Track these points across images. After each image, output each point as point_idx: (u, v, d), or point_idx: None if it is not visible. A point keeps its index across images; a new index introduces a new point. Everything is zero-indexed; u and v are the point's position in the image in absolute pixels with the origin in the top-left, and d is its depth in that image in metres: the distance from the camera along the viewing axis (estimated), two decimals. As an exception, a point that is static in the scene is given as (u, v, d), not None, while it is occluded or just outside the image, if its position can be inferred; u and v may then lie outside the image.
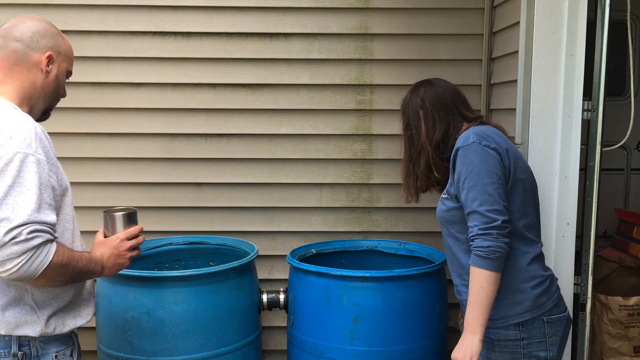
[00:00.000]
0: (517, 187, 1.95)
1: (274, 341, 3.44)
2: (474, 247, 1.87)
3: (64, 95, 1.91)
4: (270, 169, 3.36)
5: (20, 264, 1.53)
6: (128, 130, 3.30)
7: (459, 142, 1.96)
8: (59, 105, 1.94)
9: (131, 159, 3.33)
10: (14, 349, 1.69)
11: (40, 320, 1.70)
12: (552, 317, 1.96)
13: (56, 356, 1.75)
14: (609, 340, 3.09)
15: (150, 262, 3.07)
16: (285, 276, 3.01)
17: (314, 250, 3.08)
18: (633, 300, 3.06)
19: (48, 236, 1.58)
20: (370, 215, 3.42)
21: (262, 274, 3.25)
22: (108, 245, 1.84)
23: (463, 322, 2.30)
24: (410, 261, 3.06)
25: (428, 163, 2.08)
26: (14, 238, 1.52)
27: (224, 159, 3.35)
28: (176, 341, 2.55)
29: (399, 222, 3.42)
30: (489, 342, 1.97)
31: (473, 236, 1.87)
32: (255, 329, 2.83)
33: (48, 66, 1.79)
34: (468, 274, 1.96)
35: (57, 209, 1.71)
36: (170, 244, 3.16)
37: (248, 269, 2.79)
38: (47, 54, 1.79)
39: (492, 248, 1.83)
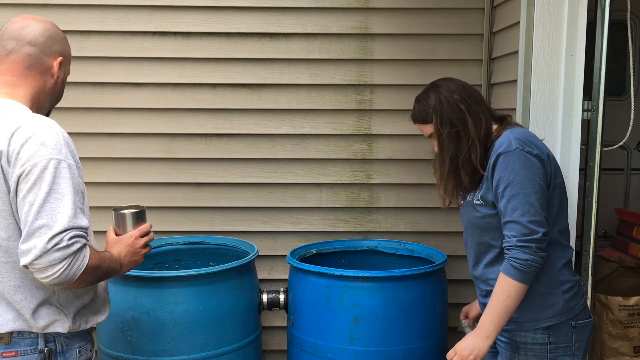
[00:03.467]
0: (556, 193, 1.92)
1: (274, 341, 3.44)
2: (510, 257, 1.82)
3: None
4: (270, 169, 3.36)
5: (61, 270, 1.57)
6: (128, 130, 3.30)
7: (500, 148, 1.88)
8: (58, 105, 1.95)
9: (131, 159, 3.33)
10: (41, 345, 1.73)
11: (67, 318, 1.75)
12: (579, 322, 1.94)
13: (79, 351, 1.81)
14: (609, 340, 3.09)
15: (150, 262, 3.07)
16: (285, 276, 3.01)
17: (314, 250, 3.08)
18: (633, 300, 3.06)
19: (84, 241, 1.63)
20: (370, 215, 3.42)
21: (262, 274, 3.25)
22: (123, 244, 1.88)
23: (467, 324, 2.30)
24: (410, 261, 3.06)
25: (480, 159, 1.94)
26: (56, 245, 1.56)
27: (224, 159, 3.35)
28: (176, 341, 2.55)
29: (399, 222, 3.42)
30: (513, 344, 1.96)
31: (511, 246, 1.83)
32: (255, 329, 2.83)
33: (58, 71, 1.82)
34: (496, 279, 1.94)
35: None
36: (170, 244, 3.16)
37: (248, 269, 2.79)
38: (59, 59, 1.81)
39: (529, 262, 1.80)
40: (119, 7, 3.22)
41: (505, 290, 1.83)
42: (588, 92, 2.39)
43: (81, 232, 1.61)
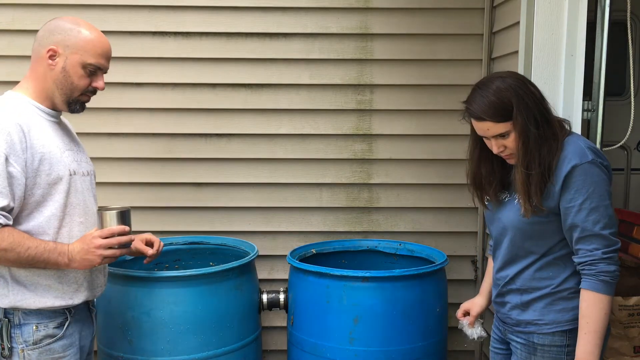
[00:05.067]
0: None
1: (274, 341, 3.44)
2: (597, 272, 1.79)
3: (99, 88, 2.04)
4: (270, 169, 3.36)
5: None
6: (128, 130, 3.30)
7: (573, 158, 1.80)
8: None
9: (131, 159, 3.33)
10: (1, 315, 1.90)
11: (10, 294, 1.88)
12: None
13: (36, 326, 1.91)
14: (609, 340, 3.08)
15: (150, 262, 3.07)
16: (285, 276, 3.01)
17: (314, 250, 3.08)
18: (633, 300, 3.05)
19: None
20: (370, 215, 3.42)
21: (262, 274, 3.25)
22: (82, 241, 1.93)
23: (467, 323, 2.28)
24: (410, 261, 3.06)
25: (554, 167, 1.83)
26: None
27: (224, 159, 3.35)
28: (176, 341, 2.55)
29: (399, 222, 3.42)
30: (530, 346, 1.95)
31: (595, 260, 1.79)
32: (255, 329, 2.83)
33: (52, 60, 1.93)
34: (532, 289, 1.93)
35: (44, 196, 1.88)
36: (170, 244, 3.16)
37: (248, 269, 2.79)
38: (50, 47, 1.93)
39: (616, 272, 1.79)
40: (119, 7, 3.22)
41: (601, 308, 1.80)
42: (588, 92, 2.39)
43: None
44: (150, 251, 2.10)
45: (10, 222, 1.82)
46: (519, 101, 1.82)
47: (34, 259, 1.84)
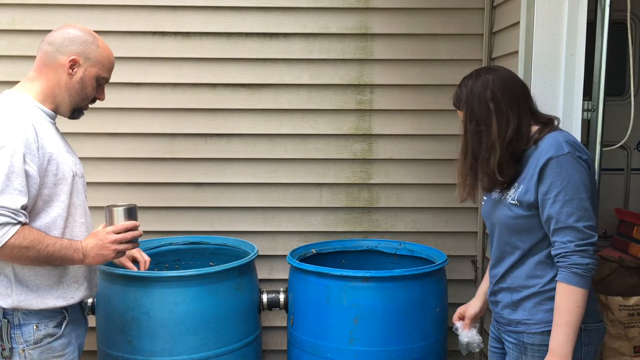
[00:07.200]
0: (595, 199, 1.90)
1: (274, 341, 3.44)
2: (569, 264, 1.79)
3: (101, 99, 2.10)
4: (270, 169, 3.36)
5: None
6: (128, 130, 3.30)
7: (549, 151, 1.83)
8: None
9: (131, 159, 3.33)
10: (0, 315, 1.90)
11: (13, 294, 1.88)
12: (589, 325, 1.91)
13: (37, 325, 1.92)
14: (608, 340, 3.08)
15: (150, 262, 3.06)
16: (285, 276, 3.01)
17: (314, 250, 3.08)
18: (633, 300, 3.06)
19: (5, 219, 1.77)
20: (370, 215, 3.42)
21: (262, 274, 3.25)
22: (95, 236, 1.97)
23: (461, 326, 2.27)
24: (410, 261, 3.06)
25: (498, 163, 1.90)
26: None
27: (224, 159, 3.35)
28: (176, 341, 2.55)
29: (399, 222, 3.42)
30: (521, 345, 1.95)
31: (568, 252, 1.80)
32: (255, 329, 2.83)
33: (72, 69, 1.96)
34: (522, 288, 1.93)
35: (50, 196, 1.90)
36: (170, 244, 3.16)
37: (248, 269, 2.79)
38: (72, 58, 1.96)
39: (590, 265, 1.79)
40: (118, 7, 3.22)
41: (573, 301, 1.79)
42: (588, 92, 2.39)
43: (2, 211, 1.75)
44: (134, 268, 2.13)
45: (28, 221, 1.84)
46: (467, 100, 1.95)
47: (52, 256, 1.86)
